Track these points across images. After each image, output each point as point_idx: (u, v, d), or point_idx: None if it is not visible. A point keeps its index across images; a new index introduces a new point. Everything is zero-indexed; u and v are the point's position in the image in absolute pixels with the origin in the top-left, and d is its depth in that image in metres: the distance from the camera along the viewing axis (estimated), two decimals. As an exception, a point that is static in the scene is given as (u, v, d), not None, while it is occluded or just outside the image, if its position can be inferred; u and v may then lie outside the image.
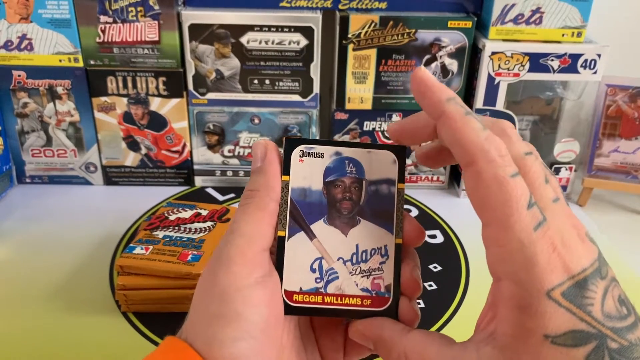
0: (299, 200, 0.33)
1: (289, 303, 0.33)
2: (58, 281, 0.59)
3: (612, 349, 0.25)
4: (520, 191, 0.26)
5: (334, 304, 0.33)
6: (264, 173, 0.33)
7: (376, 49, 0.71)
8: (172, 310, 0.54)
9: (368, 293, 0.33)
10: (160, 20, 0.69)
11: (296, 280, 0.33)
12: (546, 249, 0.25)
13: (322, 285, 0.33)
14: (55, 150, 0.76)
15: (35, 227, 0.68)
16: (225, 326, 0.29)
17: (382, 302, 0.33)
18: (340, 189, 0.34)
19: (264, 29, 0.69)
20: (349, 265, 0.33)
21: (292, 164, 0.34)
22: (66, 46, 0.70)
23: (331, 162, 0.34)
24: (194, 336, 0.30)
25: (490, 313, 0.28)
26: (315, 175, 0.34)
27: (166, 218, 0.60)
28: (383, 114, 0.75)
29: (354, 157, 0.34)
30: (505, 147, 0.27)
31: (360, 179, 0.34)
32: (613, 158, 0.75)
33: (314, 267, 0.33)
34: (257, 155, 0.33)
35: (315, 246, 0.33)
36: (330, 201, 0.34)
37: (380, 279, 0.33)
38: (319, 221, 0.33)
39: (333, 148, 0.34)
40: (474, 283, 0.61)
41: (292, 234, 0.33)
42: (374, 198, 0.34)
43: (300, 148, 0.34)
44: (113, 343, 0.52)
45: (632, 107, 0.73)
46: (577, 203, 0.77)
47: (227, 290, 0.30)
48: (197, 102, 0.74)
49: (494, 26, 0.70)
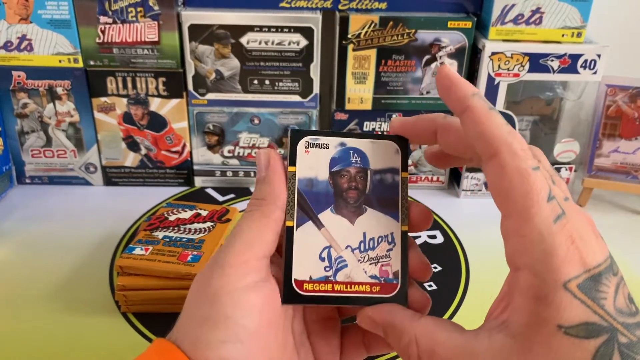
0: (306, 190, 0.34)
1: (300, 292, 0.33)
2: (58, 281, 0.59)
3: (621, 343, 0.25)
4: (541, 184, 0.27)
5: (343, 291, 0.33)
6: (269, 182, 0.33)
7: (376, 49, 0.71)
8: (171, 310, 0.54)
9: (377, 280, 0.34)
10: (160, 20, 0.69)
11: (306, 269, 0.33)
12: (564, 241, 0.26)
13: (332, 273, 0.33)
14: (55, 151, 0.76)
15: (35, 228, 0.68)
16: (213, 328, 0.29)
17: (390, 289, 0.33)
18: (346, 179, 0.34)
19: (263, 29, 0.69)
20: (357, 253, 0.34)
21: (298, 155, 0.34)
22: (66, 47, 0.70)
23: (336, 152, 0.35)
24: (182, 337, 0.30)
25: (503, 302, 0.28)
26: (321, 166, 0.34)
27: (166, 218, 0.60)
28: (383, 114, 0.75)
29: (359, 147, 0.35)
30: (526, 143, 0.28)
31: (365, 169, 0.35)
32: (613, 158, 0.75)
33: (323, 255, 0.34)
34: (261, 165, 0.34)
35: (324, 235, 0.34)
36: (336, 191, 0.34)
37: (388, 265, 0.34)
38: (326, 210, 0.34)
39: (338, 139, 0.35)
40: (474, 283, 0.61)
41: (300, 223, 0.34)
42: (379, 187, 0.35)
43: (306, 139, 0.34)
44: (113, 343, 0.52)
45: (632, 108, 0.73)
46: (577, 203, 0.77)
47: (219, 293, 0.30)
48: (197, 102, 0.74)
49: (494, 26, 0.70)
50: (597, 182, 0.75)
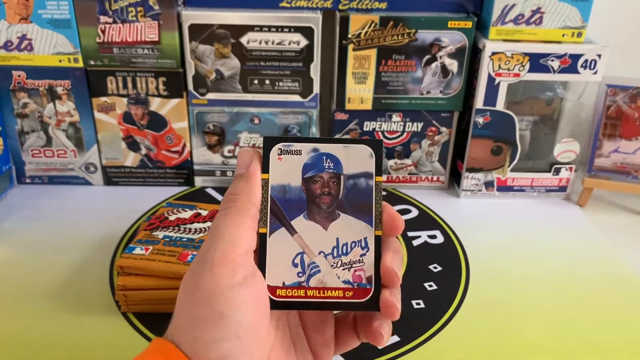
0: (279, 197, 0.34)
1: (273, 298, 0.33)
2: (58, 281, 0.59)
3: None
4: None
5: (316, 297, 0.34)
6: (247, 179, 0.34)
7: (376, 49, 0.71)
8: (172, 310, 0.53)
9: (350, 285, 0.34)
10: (160, 20, 0.69)
11: (279, 275, 0.34)
12: None
13: (305, 279, 0.34)
14: (55, 151, 0.76)
15: (35, 227, 0.68)
16: (210, 328, 0.30)
17: (364, 294, 0.34)
18: (319, 185, 0.35)
19: (264, 29, 0.69)
20: (330, 259, 0.34)
21: (270, 162, 0.35)
22: (66, 46, 0.70)
23: (309, 158, 0.35)
24: (179, 339, 0.30)
25: None
26: (294, 172, 0.35)
27: (166, 218, 0.60)
28: (383, 114, 0.75)
29: (332, 152, 0.35)
30: None
31: (338, 174, 0.35)
32: (613, 158, 0.75)
33: (296, 261, 0.34)
34: (241, 163, 0.34)
35: (297, 241, 0.34)
36: (309, 197, 0.35)
37: (362, 270, 0.34)
38: (299, 217, 0.34)
39: (310, 145, 0.35)
40: (474, 283, 0.61)
41: (273, 230, 0.34)
42: (353, 192, 0.35)
43: (279, 146, 0.35)
44: (113, 343, 0.52)
45: (633, 108, 0.73)
46: (577, 203, 0.77)
47: (211, 292, 0.30)
48: (197, 102, 0.73)
49: (494, 26, 0.70)
50: (597, 182, 0.75)
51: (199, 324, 0.30)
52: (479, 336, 0.54)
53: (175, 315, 0.32)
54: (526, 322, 0.56)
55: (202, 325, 0.30)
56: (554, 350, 0.52)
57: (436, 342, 0.53)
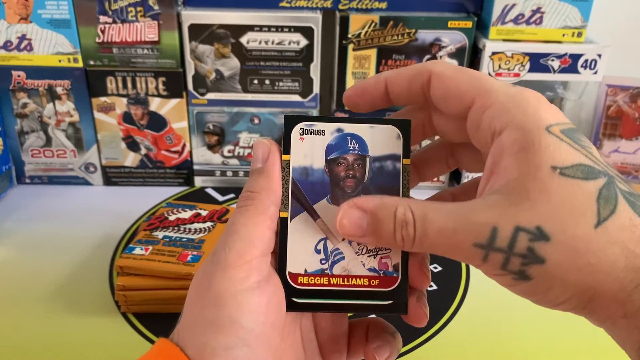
0: (301, 179, 0.32)
1: (294, 286, 0.31)
2: (58, 281, 0.59)
3: (622, 190, 0.24)
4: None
5: (340, 285, 0.32)
6: (266, 175, 0.31)
7: (376, 49, 0.71)
8: (171, 311, 0.54)
9: (375, 273, 0.32)
10: (160, 20, 0.69)
11: (301, 262, 0.32)
12: (532, 95, 0.27)
13: (328, 266, 0.32)
14: (55, 151, 0.76)
15: (35, 227, 0.68)
16: (218, 333, 0.28)
17: (390, 282, 0.32)
18: (343, 167, 0.33)
19: (263, 29, 0.69)
20: (354, 245, 0.32)
21: (292, 143, 0.32)
22: (66, 46, 0.70)
23: (333, 139, 0.33)
24: (186, 341, 0.29)
25: (492, 174, 0.27)
26: (316, 153, 0.32)
27: (166, 218, 0.60)
28: (383, 114, 0.75)
29: (357, 133, 0.33)
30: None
31: (363, 156, 0.33)
32: (613, 158, 0.75)
33: (319, 248, 0.32)
34: (258, 156, 0.32)
35: (319, 226, 0.32)
36: (333, 180, 0.32)
37: (388, 258, 0.32)
38: (322, 200, 0.32)
39: (334, 124, 0.33)
40: (474, 283, 0.61)
41: (294, 214, 0.32)
42: (379, 175, 0.33)
43: (300, 125, 0.33)
44: (112, 343, 0.52)
45: (633, 108, 0.73)
46: (577, 203, 0.77)
47: (223, 295, 0.28)
48: (196, 102, 0.73)
49: (495, 26, 0.70)
50: (598, 182, 0.75)
51: (208, 327, 0.28)
52: (479, 336, 0.54)
53: (184, 314, 0.30)
54: (526, 323, 0.56)
55: (210, 328, 0.28)
56: (554, 350, 0.52)
57: (436, 342, 0.53)
